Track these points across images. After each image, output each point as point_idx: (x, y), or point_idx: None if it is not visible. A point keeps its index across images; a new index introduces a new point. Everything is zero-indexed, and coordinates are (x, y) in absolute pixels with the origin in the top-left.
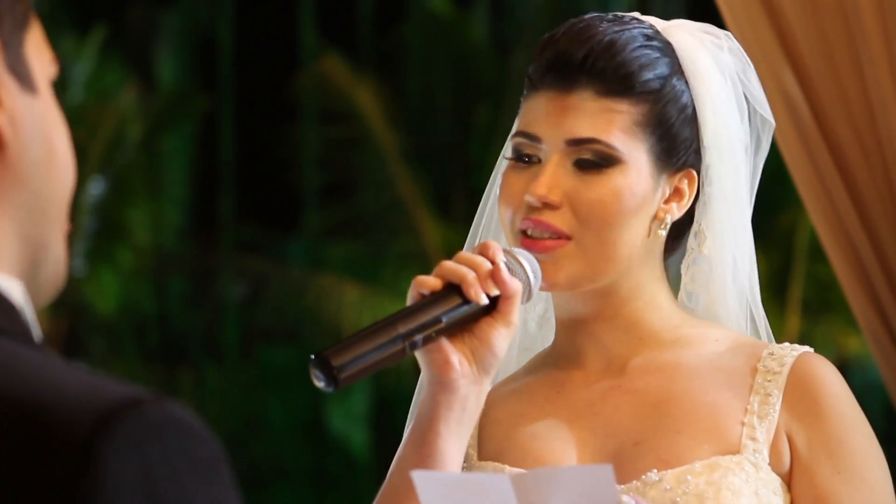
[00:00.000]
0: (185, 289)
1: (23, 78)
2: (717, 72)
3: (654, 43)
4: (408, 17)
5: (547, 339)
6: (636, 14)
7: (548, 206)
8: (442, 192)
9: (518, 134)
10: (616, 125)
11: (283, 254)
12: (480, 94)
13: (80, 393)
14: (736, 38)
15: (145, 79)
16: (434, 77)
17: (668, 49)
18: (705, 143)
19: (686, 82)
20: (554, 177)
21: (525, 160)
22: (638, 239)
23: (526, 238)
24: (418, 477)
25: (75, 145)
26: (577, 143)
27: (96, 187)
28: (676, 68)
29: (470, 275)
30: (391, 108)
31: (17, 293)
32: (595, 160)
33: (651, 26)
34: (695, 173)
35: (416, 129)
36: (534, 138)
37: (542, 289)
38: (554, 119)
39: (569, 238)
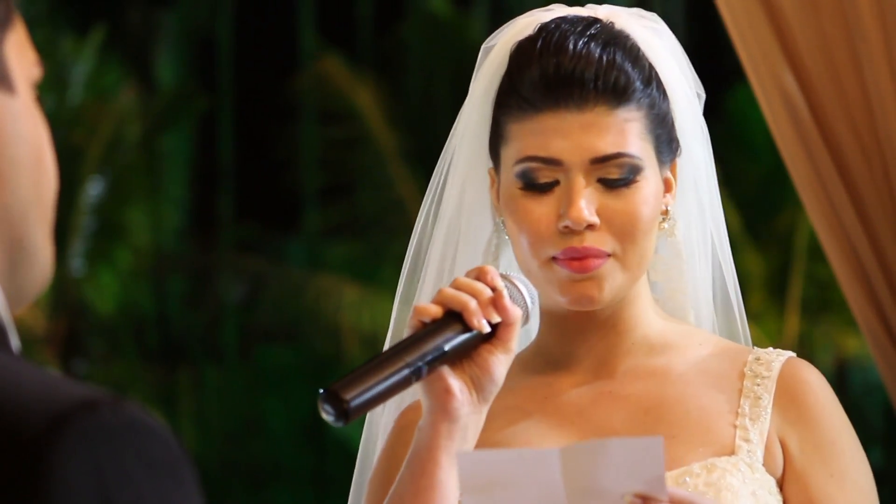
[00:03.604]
0: (185, 289)
1: (1, 78)
2: (671, 58)
3: (630, 43)
4: (407, 17)
5: (530, 331)
6: (577, 13)
7: (590, 227)
8: None
9: (530, 159)
10: (632, 134)
11: (283, 254)
12: None
13: (36, 395)
14: (735, 38)
15: (144, 79)
16: (433, 77)
17: (633, 44)
18: (678, 128)
19: (657, 76)
20: (587, 197)
21: (539, 187)
22: (655, 239)
23: (567, 260)
24: (461, 457)
25: (74, 145)
26: (602, 160)
27: (95, 188)
28: (648, 63)
29: (472, 303)
30: (391, 109)
31: None
32: (622, 175)
33: (611, 22)
34: (677, 161)
35: (416, 129)
36: (552, 162)
37: (582, 307)
38: (573, 138)
39: (608, 255)
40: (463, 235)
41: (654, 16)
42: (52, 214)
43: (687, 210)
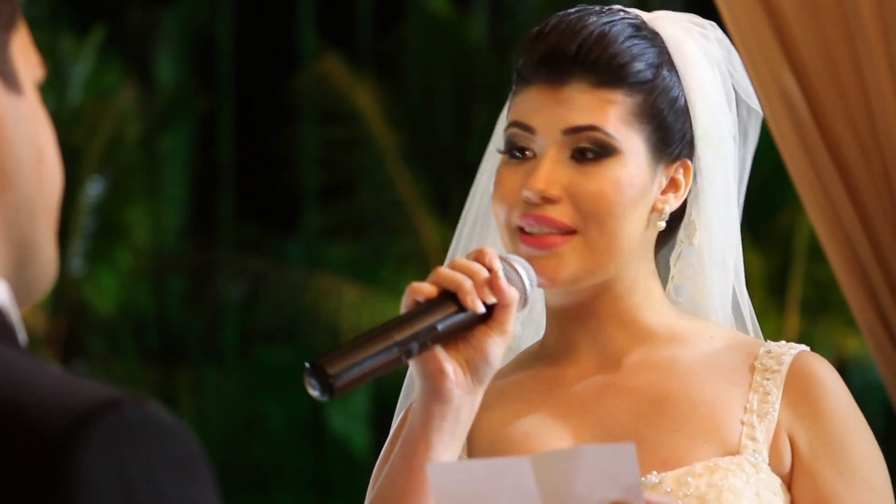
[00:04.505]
0: (185, 289)
1: (8, 78)
2: (706, 62)
3: (644, 33)
4: (407, 17)
5: (530, 339)
6: (622, 8)
7: (547, 200)
8: (441, 192)
9: (512, 124)
10: (612, 114)
11: (283, 254)
12: (480, 94)
13: (57, 394)
14: (735, 38)
15: (144, 79)
16: (434, 77)
17: (657, 40)
18: (697, 133)
19: (676, 74)
20: (552, 170)
21: (518, 154)
22: (638, 231)
23: (527, 235)
24: (433, 469)
25: (74, 146)
26: (574, 131)
27: (95, 188)
28: (666, 59)
29: (466, 283)
30: (391, 109)
31: (1, 293)
32: (593, 149)
33: (638, 17)
34: (690, 164)
35: (416, 129)
36: (528, 129)
37: (540, 286)
38: (549, 111)
39: (573, 232)
40: (487, 222)
41: (710, 24)
42: (57, 213)
43: (710, 219)
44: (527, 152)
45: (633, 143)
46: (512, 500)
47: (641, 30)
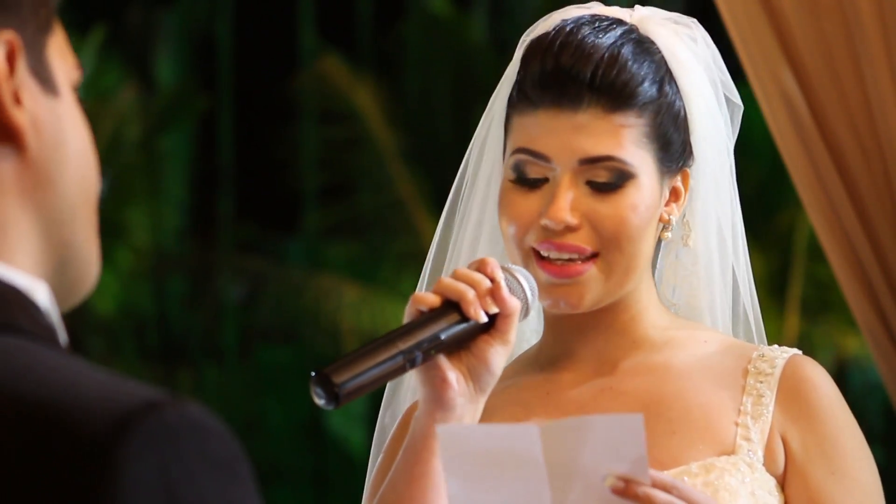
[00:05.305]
0: (185, 289)
1: (45, 80)
2: (698, 66)
3: (645, 46)
4: (407, 17)
5: (526, 332)
6: (613, 12)
7: (569, 229)
8: (441, 192)
9: (522, 150)
10: (627, 140)
11: (283, 254)
12: (480, 94)
13: (98, 396)
14: (735, 38)
15: (144, 79)
16: (433, 77)
17: (655, 51)
18: (694, 139)
19: (675, 82)
20: (572, 199)
21: (529, 182)
22: (650, 247)
23: (546, 262)
24: (442, 430)
25: None
26: (591, 161)
27: None
28: (665, 69)
29: (469, 293)
30: (390, 109)
31: (42, 294)
32: (610, 179)
33: (633, 27)
34: (688, 171)
35: (416, 129)
36: (542, 157)
37: (562, 311)
38: (563, 138)
39: (595, 255)
40: (486, 230)
41: (692, 21)
42: (94, 214)
43: (706, 219)
44: (538, 178)
45: (645, 165)
46: (517, 467)
47: (643, 43)
